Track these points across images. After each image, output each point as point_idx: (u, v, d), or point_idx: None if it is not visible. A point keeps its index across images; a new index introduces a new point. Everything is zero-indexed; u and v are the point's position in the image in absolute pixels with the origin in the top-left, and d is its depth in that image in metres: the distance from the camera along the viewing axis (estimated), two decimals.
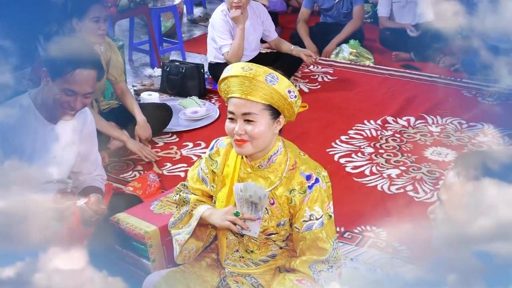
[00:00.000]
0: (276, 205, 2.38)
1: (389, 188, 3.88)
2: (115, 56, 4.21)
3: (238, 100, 2.25)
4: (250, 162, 2.39)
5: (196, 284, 2.55)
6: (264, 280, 2.52)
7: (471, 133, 4.55)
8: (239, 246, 2.51)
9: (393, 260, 3.16)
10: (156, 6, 5.74)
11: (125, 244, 2.90)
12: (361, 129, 4.63)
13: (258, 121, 2.24)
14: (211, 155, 2.51)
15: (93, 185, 2.94)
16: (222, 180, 2.48)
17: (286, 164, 2.39)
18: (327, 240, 2.39)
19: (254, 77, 2.21)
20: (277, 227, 2.41)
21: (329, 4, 6.18)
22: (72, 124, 2.83)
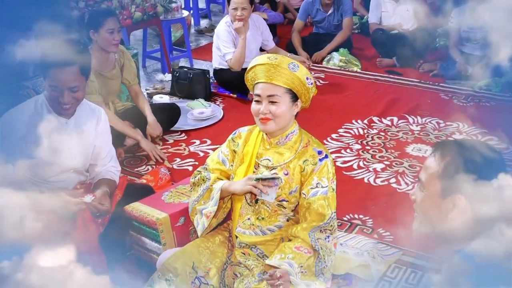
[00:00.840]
0: (289, 175, 2.49)
1: (375, 181, 3.88)
2: (128, 62, 4.21)
3: (264, 84, 2.43)
4: (270, 139, 2.53)
5: (207, 258, 2.61)
6: (268, 251, 2.56)
7: (447, 131, 4.56)
8: (251, 214, 2.57)
9: (378, 244, 3.17)
10: (166, 18, 5.74)
11: (139, 230, 2.90)
12: (349, 128, 4.64)
13: (281, 102, 2.41)
14: (233, 138, 2.66)
15: (106, 177, 2.94)
16: (241, 158, 2.60)
17: (301, 143, 2.53)
18: (327, 208, 2.47)
19: (279, 64, 2.40)
20: (289, 195, 2.50)
21: (321, 16, 6.18)
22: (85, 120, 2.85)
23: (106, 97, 4.06)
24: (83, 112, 2.83)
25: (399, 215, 3.42)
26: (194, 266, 2.55)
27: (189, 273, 2.53)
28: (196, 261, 2.57)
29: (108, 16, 3.88)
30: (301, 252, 2.41)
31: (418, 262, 3.05)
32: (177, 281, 2.50)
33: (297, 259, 2.38)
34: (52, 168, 2.78)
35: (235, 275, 2.59)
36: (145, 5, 5.35)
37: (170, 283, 2.51)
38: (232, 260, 2.64)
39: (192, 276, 2.53)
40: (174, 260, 2.55)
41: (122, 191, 3.00)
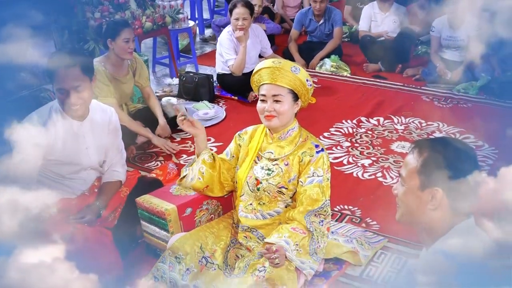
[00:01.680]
0: (289, 165, 2.55)
1: (363, 175, 3.88)
2: (140, 67, 4.21)
3: (269, 85, 2.49)
4: (273, 134, 2.60)
5: (212, 241, 2.67)
6: (267, 234, 2.58)
7: (428, 130, 4.56)
8: (253, 200, 2.63)
9: (366, 232, 3.17)
10: (174, 28, 5.73)
11: (149, 220, 2.89)
12: (340, 127, 4.63)
13: (284, 101, 2.49)
14: (240, 134, 2.75)
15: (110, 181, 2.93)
16: (246, 152, 2.67)
17: (300, 138, 2.60)
18: (322, 195, 2.51)
19: (283, 67, 2.48)
20: (288, 183, 2.55)
21: (314, 26, 6.17)
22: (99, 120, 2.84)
23: (120, 99, 4.07)
24: (95, 113, 2.81)
25: (384, 206, 3.44)
26: (201, 247, 2.62)
27: (197, 252, 2.59)
28: (203, 243, 2.63)
29: (124, 27, 3.88)
30: (297, 232, 2.44)
31: (402, 249, 3.05)
32: (186, 259, 2.55)
33: (293, 238, 2.41)
34: (72, 167, 2.77)
35: (237, 256, 2.64)
36: (154, 16, 5.34)
37: (179, 261, 2.55)
38: (234, 242, 2.69)
39: (199, 255, 2.59)
40: (183, 241, 2.60)
41: (131, 188, 2.99)
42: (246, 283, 2.43)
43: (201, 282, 2.52)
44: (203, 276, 2.54)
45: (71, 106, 2.62)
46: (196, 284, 2.51)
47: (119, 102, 4.03)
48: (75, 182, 2.81)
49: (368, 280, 2.82)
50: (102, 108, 2.90)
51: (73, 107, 2.62)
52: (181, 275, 2.52)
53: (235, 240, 2.69)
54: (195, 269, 2.54)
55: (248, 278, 2.44)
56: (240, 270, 2.54)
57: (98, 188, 2.91)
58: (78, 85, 2.58)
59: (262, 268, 2.43)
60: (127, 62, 4.04)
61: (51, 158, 2.67)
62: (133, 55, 4.02)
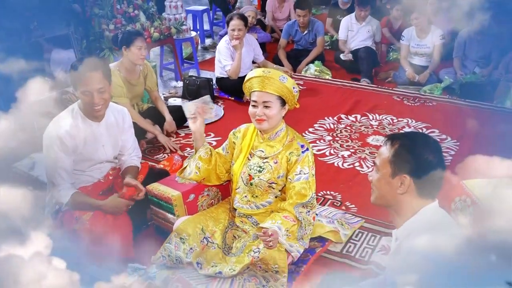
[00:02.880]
0: (278, 163, 2.53)
1: (342, 165, 3.87)
2: (150, 73, 4.18)
3: (259, 92, 2.46)
4: (263, 135, 2.58)
5: (212, 224, 2.68)
6: (261, 220, 2.60)
7: (399, 125, 4.56)
8: (247, 193, 2.62)
9: (346, 214, 3.18)
10: (179, 37, 5.70)
11: (158, 205, 2.89)
12: (322, 123, 4.62)
13: (273, 106, 2.47)
14: (234, 132, 2.72)
15: (131, 165, 2.92)
16: (240, 149, 2.65)
17: (287, 137, 2.58)
18: (308, 190, 2.51)
19: (272, 76, 2.45)
20: (277, 179, 2.54)
21: (299, 36, 6.16)
22: (113, 121, 2.82)
23: (132, 99, 4.05)
24: (110, 113, 2.79)
25: (361, 191, 3.44)
26: (203, 229, 2.62)
27: (199, 234, 2.60)
28: (204, 226, 2.64)
29: (137, 36, 3.86)
30: (288, 220, 2.45)
31: (376, 228, 3.05)
32: (189, 239, 2.56)
33: (284, 224, 2.43)
34: (91, 162, 2.77)
35: (234, 237, 2.66)
36: (161, 27, 5.32)
37: (183, 241, 2.56)
38: (232, 224, 2.70)
39: (201, 236, 2.59)
40: (187, 224, 2.61)
41: (144, 175, 2.98)
42: (243, 262, 2.44)
43: (203, 259, 2.54)
44: (204, 254, 2.55)
45: (94, 106, 2.60)
46: (199, 260, 2.53)
47: (131, 102, 4.01)
48: (93, 173, 2.81)
49: (348, 255, 2.82)
50: (117, 109, 2.88)
51: (96, 107, 2.60)
52: (185, 253, 2.52)
53: (232, 223, 2.70)
54: (198, 248, 2.55)
55: (244, 258, 2.46)
56: (237, 250, 2.56)
57: (123, 172, 2.91)
58: (101, 87, 2.57)
59: (256, 250, 2.44)
60: (139, 67, 4.02)
61: (75, 156, 2.67)
62: (144, 61, 4.00)
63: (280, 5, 7.31)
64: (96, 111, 2.63)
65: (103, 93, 2.59)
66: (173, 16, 5.74)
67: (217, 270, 2.48)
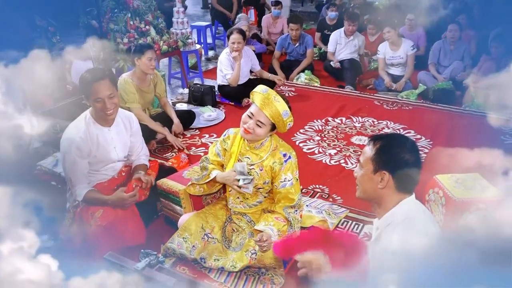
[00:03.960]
0: (263, 171, 2.45)
1: (330, 161, 3.87)
2: (159, 81, 4.16)
3: (258, 109, 2.34)
4: (249, 144, 2.48)
5: (211, 219, 2.63)
6: (254, 218, 2.57)
7: (379, 127, 4.56)
8: (239, 195, 2.57)
9: (332, 205, 3.17)
10: (185, 50, 5.69)
11: (167, 198, 2.87)
12: (312, 125, 4.62)
13: (263, 128, 2.36)
14: (224, 139, 2.59)
15: (140, 163, 2.90)
16: (229, 155, 2.54)
17: (271, 146, 2.48)
18: (294, 193, 2.46)
19: (269, 97, 2.33)
20: (263, 184, 2.48)
21: (291, 48, 6.15)
22: (122, 126, 2.80)
23: (144, 105, 4.03)
24: (119, 119, 2.76)
25: (346, 185, 3.44)
26: (203, 226, 2.57)
27: (199, 231, 2.55)
28: (204, 223, 2.58)
29: (148, 48, 3.85)
30: (279, 221, 2.43)
31: (359, 218, 3.05)
32: (191, 238, 2.52)
33: (276, 225, 2.40)
34: (105, 162, 2.75)
35: (233, 230, 2.62)
36: (169, 41, 5.30)
37: (186, 240, 2.52)
38: (230, 219, 2.66)
39: (201, 233, 2.54)
40: (188, 224, 2.57)
41: (156, 172, 2.97)
42: (242, 261, 2.43)
43: (205, 254, 2.50)
44: (206, 249, 2.52)
45: (107, 111, 2.57)
46: (202, 256, 2.50)
47: (143, 107, 4.00)
48: (107, 171, 2.79)
49: None
50: (125, 114, 2.84)
51: (108, 112, 2.57)
52: (188, 251, 2.49)
53: (230, 217, 2.65)
54: (199, 245, 2.51)
55: (243, 257, 2.44)
56: (237, 245, 2.54)
57: (133, 169, 2.89)
58: (111, 93, 2.55)
59: (253, 251, 2.43)
60: (149, 76, 4.00)
61: (89, 158, 2.65)
62: (154, 71, 3.98)
63: (274, 21, 7.33)
64: (109, 115, 2.60)
65: (112, 98, 2.56)
66: (180, 31, 5.72)
67: (219, 265, 2.46)
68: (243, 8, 7.99)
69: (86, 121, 2.63)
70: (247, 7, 7.92)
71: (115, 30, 4.83)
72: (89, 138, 2.61)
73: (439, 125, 4.51)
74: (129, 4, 4.93)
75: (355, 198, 1.86)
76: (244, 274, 2.46)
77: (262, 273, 2.44)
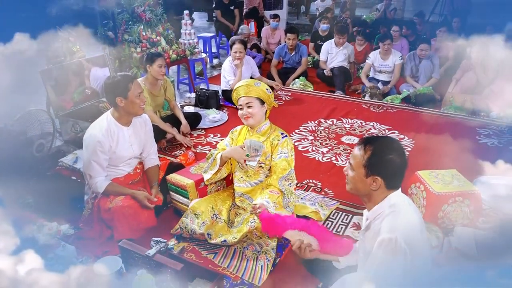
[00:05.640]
0: (265, 148, 2.59)
1: (322, 159, 3.85)
2: (169, 86, 4.15)
3: (244, 97, 2.56)
4: (252, 129, 2.66)
5: (220, 203, 2.71)
6: (254, 197, 2.65)
7: (367, 127, 4.54)
8: (243, 174, 2.68)
9: (325, 198, 3.17)
10: (192, 58, 5.68)
11: (175, 191, 2.87)
12: (306, 126, 4.60)
13: (254, 106, 2.57)
14: (232, 132, 2.78)
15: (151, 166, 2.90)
16: (236, 142, 2.72)
17: (270, 130, 2.66)
18: (288, 165, 2.59)
19: (250, 84, 2.56)
20: (265, 159, 2.61)
21: (288, 57, 6.14)
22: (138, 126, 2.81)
23: (155, 107, 4.02)
24: (135, 120, 2.78)
25: (337, 180, 3.43)
26: (212, 207, 2.65)
27: (209, 211, 2.62)
28: (213, 205, 2.67)
29: (158, 56, 3.85)
30: (273, 194, 2.53)
31: (349, 209, 3.04)
32: (202, 215, 2.58)
33: (271, 198, 2.50)
34: (123, 158, 2.75)
35: (236, 214, 2.69)
36: (178, 50, 5.29)
37: (197, 216, 2.58)
38: (234, 205, 2.72)
39: (211, 213, 2.62)
40: (200, 203, 2.64)
41: (164, 171, 2.97)
42: (242, 231, 2.47)
43: (212, 231, 2.56)
44: (213, 227, 2.58)
45: (141, 105, 2.64)
46: (209, 232, 2.55)
47: (154, 110, 3.99)
48: (124, 167, 2.79)
49: None
50: (141, 116, 2.84)
51: (142, 106, 2.66)
52: (198, 226, 2.54)
53: (234, 204, 2.71)
54: (208, 222, 2.57)
55: (243, 228, 2.49)
56: (238, 223, 2.59)
57: (146, 173, 2.90)
58: (141, 91, 2.64)
59: (252, 220, 2.48)
60: (160, 82, 3.99)
61: (110, 154, 2.65)
62: (164, 77, 3.97)
63: (273, 33, 7.32)
64: (141, 109, 2.67)
65: (141, 95, 2.65)
66: (188, 41, 5.72)
67: (222, 239, 2.49)
68: (245, 21, 7.98)
69: (107, 120, 2.66)
70: (248, 20, 7.91)
71: (129, 40, 4.82)
72: (110, 135, 2.64)
73: (420, 126, 4.51)
74: (142, 17, 4.93)
75: (345, 192, 1.85)
76: (244, 256, 2.47)
77: (258, 252, 2.46)
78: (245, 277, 2.36)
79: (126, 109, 2.64)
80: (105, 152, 2.60)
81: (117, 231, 2.58)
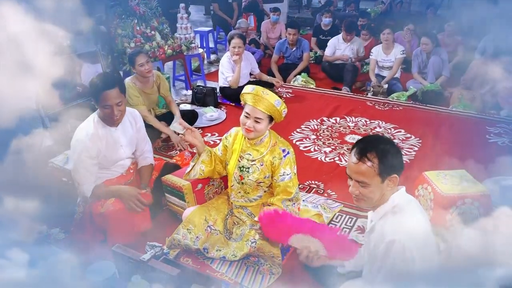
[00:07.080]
0: (264, 166, 2.47)
1: (325, 159, 3.86)
2: (162, 82, 4.13)
3: (252, 107, 2.36)
4: (250, 140, 2.50)
5: (214, 212, 2.63)
6: (254, 211, 2.58)
7: (372, 126, 4.55)
8: (240, 189, 2.57)
9: (327, 200, 3.17)
10: (188, 54, 5.69)
11: (171, 193, 2.87)
12: (308, 124, 4.61)
13: (262, 122, 2.38)
14: (226, 136, 2.63)
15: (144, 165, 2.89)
16: (232, 151, 2.57)
17: (270, 142, 2.49)
18: (292, 187, 2.47)
19: (268, 99, 2.34)
20: (264, 179, 2.49)
21: (289, 53, 6.15)
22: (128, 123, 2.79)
23: (148, 105, 4.02)
24: (125, 117, 2.74)
25: (340, 181, 3.44)
26: (206, 219, 2.57)
27: (203, 223, 2.54)
28: (207, 215, 2.58)
29: (137, 55, 3.75)
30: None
31: (353, 212, 3.05)
32: (195, 229, 2.52)
33: None
34: (114, 161, 2.74)
35: (234, 223, 2.62)
36: (174, 45, 5.29)
37: (190, 231, 2.52)
38: (231, 212, 2.66)
39: (204, 225, 2.54)
40: (192, 216, 2.56)
41: (159, 171, 2.95)
42: (243, 250, 2.43)
43: (208, 245, 2.50)
44: (209, 240, 2.52)
45: (114, 117, 2.56)
46: (205, 246, 2.50)
47: (148, 108, 3.98)
48: (116, 168, 2.78)
49: None
50: (129, 111, 2.82)
51: (115, 118, 2.57)
52: (192, 242, 2.49)
53: (231, 211, 2.66)
54: (203, 236, 2.51)
55: (244, 246, 2.44)
56: (237, 236, 2.53)
57: (138, 172, 2.88)
58: (119, 101, 2.54)
59: (253, 240, 2.43)
60: (152, 78, 3.97)
61: (99, 157, 2.64)
62: (152, 73, 3.92)
63: (273, 27, 7.32)
64: (116, 120, 2.60)
65: (120, 105, 2.56)
66: (184, 36, 5.72)
67: (221, 255, 2.46)
68: (243, 15, 7.99)
69: (94, 122, 2.62)
70: (247, 13, 7.92)
71: (123, 35, 4.82)
72: (98, 138, 2.60)
73: (427, 125, 4.51)
74: (135, 11, 4.92)
75: (348, 194, 1.85)
76: (244, 265, 2.47)
77: (261, 264, 2.44)
78: (245, 282, 2.36)
79: (103, 116, 2.61)
80: (92, 158, 2.57)
81: (110, 236, 2.58)
